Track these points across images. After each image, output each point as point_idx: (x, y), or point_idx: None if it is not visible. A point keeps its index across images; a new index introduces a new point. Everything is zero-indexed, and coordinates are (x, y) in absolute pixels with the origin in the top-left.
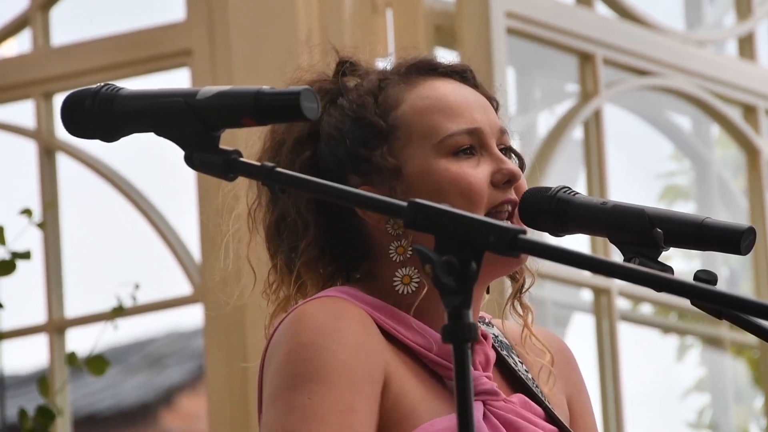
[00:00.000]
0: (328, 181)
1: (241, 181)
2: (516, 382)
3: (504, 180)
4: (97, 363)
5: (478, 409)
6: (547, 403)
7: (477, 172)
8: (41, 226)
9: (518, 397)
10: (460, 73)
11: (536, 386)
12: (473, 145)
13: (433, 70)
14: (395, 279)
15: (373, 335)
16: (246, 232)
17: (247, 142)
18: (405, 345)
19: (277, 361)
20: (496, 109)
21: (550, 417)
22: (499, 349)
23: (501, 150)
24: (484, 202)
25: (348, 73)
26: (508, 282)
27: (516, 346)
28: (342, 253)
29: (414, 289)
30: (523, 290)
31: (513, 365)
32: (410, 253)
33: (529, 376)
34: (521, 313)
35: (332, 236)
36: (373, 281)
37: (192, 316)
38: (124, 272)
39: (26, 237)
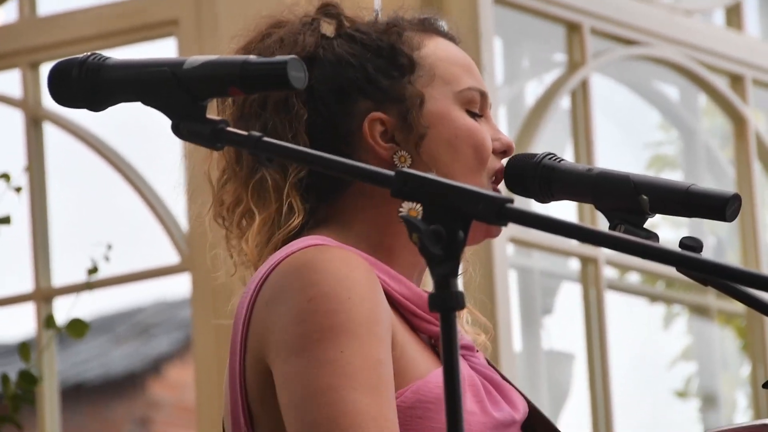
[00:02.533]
0: (318, 151)
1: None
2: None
3: (502, 149)
4: (77, 326)
5: (463, 363)
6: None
7: (486, 132)
8: (19, 190)
9: (481, 355)
10: (455, 42)
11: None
12: (479, 107)
13: (438, 30)
14: (401, 210)
15: (379, 285)
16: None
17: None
18: (391, 296)
19: (294, 310)
20: None
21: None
22: None
23: None
24: (487, 163)
25: (329, 15)
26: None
27: None
28: (321, 181)
29: None
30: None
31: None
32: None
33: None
34: None
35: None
36: (346, 229)
37: (179, 286)
38: (111, 241)
39: (14, 207)
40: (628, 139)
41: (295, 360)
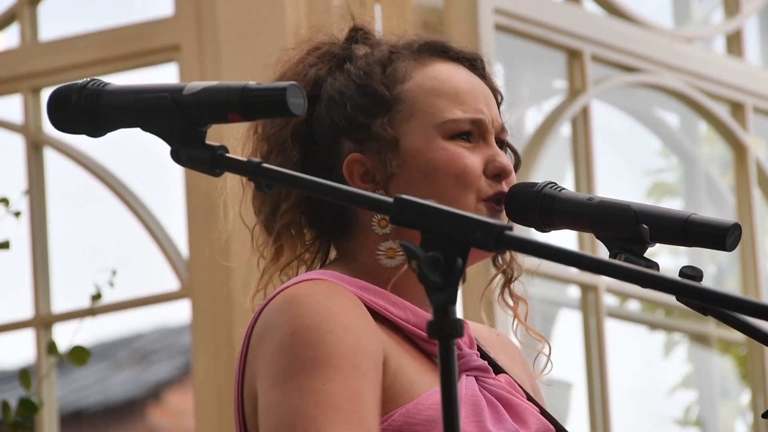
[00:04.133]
0: (317, 178)
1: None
2: (495, 368)
3: (495, 172)
4: (78, 353)
5: (472, 383)
6: (524, 388)
7: (472, 156)
8: (18, 215)
9: (504, 377)
10: (470, 61)
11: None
12: (472, 131)
13: (444, 52)
14: (379, 252)
15: (368, 317)
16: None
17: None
18: (393, 323)
19: (279, 342)
20: (499, 103)
21: (530, 400)
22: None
23: (497, 143)
24: (475, 188)
25: (360, 40)
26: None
27: (486, 345)
28: (322, 222)
29: (400, 262)
30: (511, 281)
31: (488, 353)
32: (393, 226)
33: (503, 364)
34: (511, 305)
35: (314, 203)
36: (352, 262)
37: (179, 312)
38: (111, 267)
39: (14, 232)
40: (628, 166)
41: (278, 389)
